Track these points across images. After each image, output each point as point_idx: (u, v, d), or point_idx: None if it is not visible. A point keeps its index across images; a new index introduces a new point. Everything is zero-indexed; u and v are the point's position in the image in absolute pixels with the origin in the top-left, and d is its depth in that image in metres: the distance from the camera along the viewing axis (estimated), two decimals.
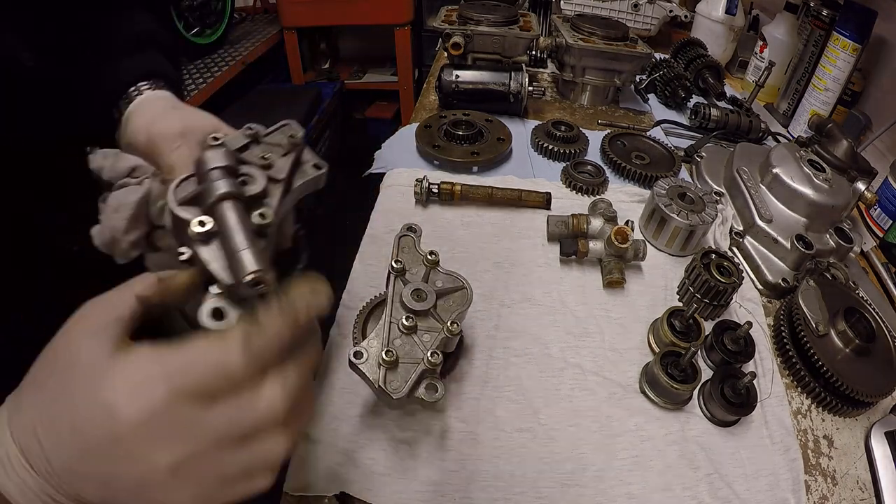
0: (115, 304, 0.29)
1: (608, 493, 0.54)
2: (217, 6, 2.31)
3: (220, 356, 0.27)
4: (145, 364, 0.26)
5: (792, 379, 0.68)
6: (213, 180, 0.36)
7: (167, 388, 0.26)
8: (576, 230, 0.79)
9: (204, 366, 0.27)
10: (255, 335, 0.28)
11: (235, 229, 0.34)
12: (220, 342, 0.27)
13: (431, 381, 0.50)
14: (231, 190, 0.36)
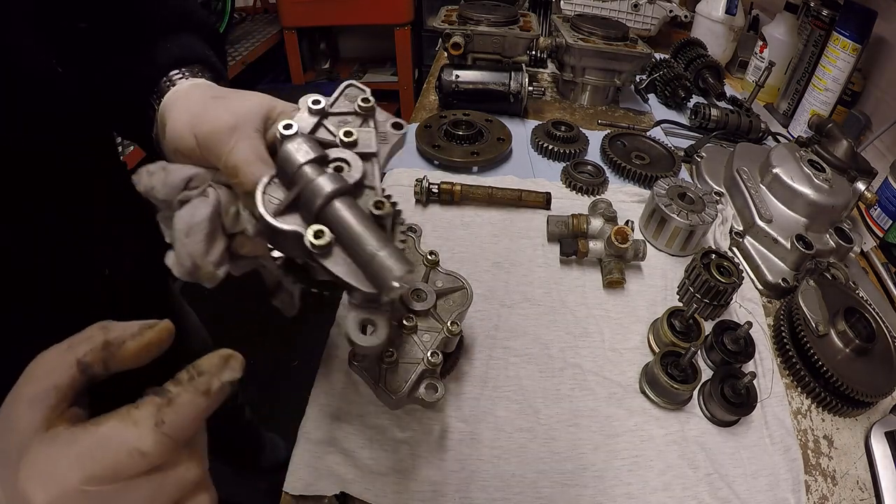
0: (55, 369, 0.27)
1: (608, 492, 0.54)
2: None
3: (131, 437, 0.25)
4: (59, 451, 0.25)
5: (792, 379, 0.68)
6: (310, 179, 0.33)
7: (78, 476, 0.25)
8: (576, 230, 0.79)
9: (115, 449, 0.25)
10: (166, 410, 0.26)
11: (361, 232, 0.31)
12: (130, 423, 0.26)
13: (431, 381, 0.50)
14: (337, 187, 0.32)
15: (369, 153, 0.38)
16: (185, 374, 0.28)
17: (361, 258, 0.31)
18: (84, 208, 0.49)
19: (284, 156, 0.34)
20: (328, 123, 0.39)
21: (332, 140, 0.38)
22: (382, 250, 0.30)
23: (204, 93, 0.42)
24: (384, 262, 0.30)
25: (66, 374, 0.27)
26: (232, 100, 0.40)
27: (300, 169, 0.33)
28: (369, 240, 0.31)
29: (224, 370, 0.28)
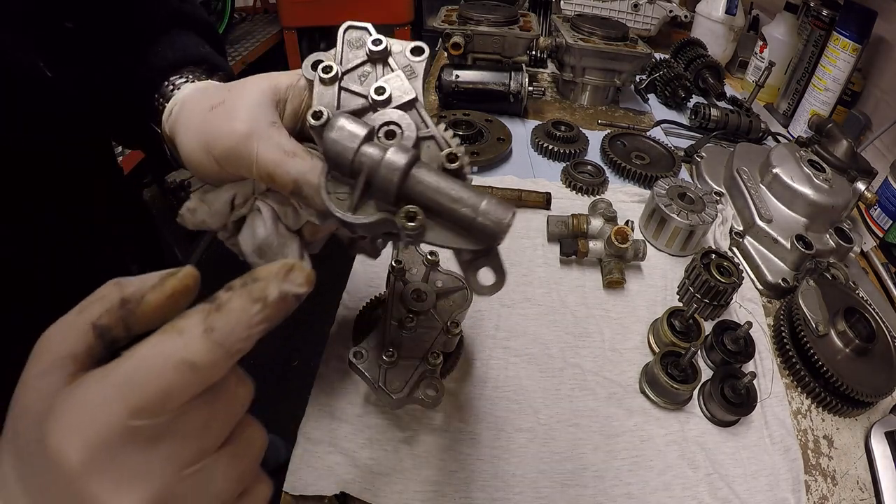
0: (67, 337, 0.23)
1: (608, 492, 0.54)
2: (217, 6, 2.31)
3: (177, 347, 0.22)
4: (91, 390, 0.21)
5: (792, 379, 0.68)
6: (374, 163, 0.30)
7: (120, 410, 0.21)
8: (576, 230, 0.79)
9: (161, 366, 0.21)
10: (215, 315, 0.23)
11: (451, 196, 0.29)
12: (174, 334, 0.22)
13: (431, 381, 0.50)
14: (407, 159, 0.29)
15: (409, 101, 0.34)
16: (239, 280, 0.24)
17: (461, 219, 0.29)
18: (84, 208, 0.49)
19: (331, 148, 0.31)
20: (348, 84, 0.35)
21: (362, 103, 0.34)
22: (480, 205, 0.29)
23: (201, 103, 0.39)
24: (487, 215, 0.29)
25: (82, 341, 0.23)
26: (231, 102, 0.37)
27: (357, 157, 0.30)
28: (462, 200, 0.29)
29: (284, 280, 0.24)
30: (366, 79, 0.35)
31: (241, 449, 0.25)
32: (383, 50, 0.35)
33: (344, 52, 0.36)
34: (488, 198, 0.29)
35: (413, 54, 0.36)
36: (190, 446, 0.23)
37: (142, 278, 0.25)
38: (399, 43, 0.36)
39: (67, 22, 0.41)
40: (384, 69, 0.35)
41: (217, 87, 0.41)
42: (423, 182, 0.30)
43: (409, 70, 0.35)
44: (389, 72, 0.35)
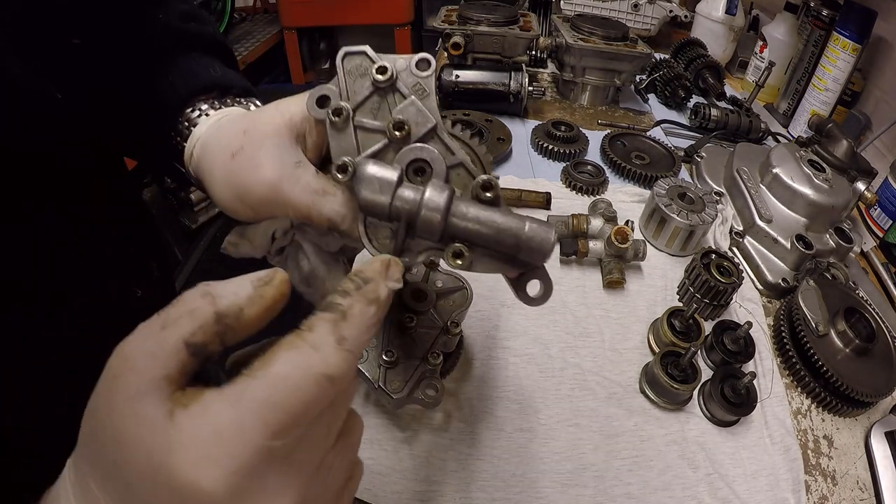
0: (157, 357, 0.21)
1: (608, 492, 0.54)
2: (217, 6, 2.31)
3: (315, 363, 0.21)
4: (223, 416, 0.20)
5: (792, 379, 0.68)
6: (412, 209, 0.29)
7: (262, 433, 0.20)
8: (576, 230, 0.78)
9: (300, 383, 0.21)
10: (343, 325, 0.23)
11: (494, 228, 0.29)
12: (308, 349, 0.22)
13: (431, 381, 0.50)
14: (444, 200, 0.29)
15: (430, 129, 0.32)
16: (351, 283, 0.25)
17: (507, 248, 0.29)
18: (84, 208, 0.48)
19: (366, 201, 0.30)
20: (362, 121, 0.33)
21: (383, 141, 0.32)
22: (523, 231, 0.29)
23: (222, 149, 0.39)
24: (532, 241, 0.29)
25: (175, 361, 0.21)
26: (252, 150, 0.36)
27: (393, 206, 0.30)
28: (505, 230, 0.29)
29: (388, 278, 0.26)
30: (378, 110, 0.33)
31: (350, 440, 0.26)
32: (390, 78, 0.32)
33: (347, 83, 0.34)
34: (528, 222, 0.29)
35: (420, 69, 0.33)
36: (318, 451, 0.23)
37: (230, 287, 0.23)
38: (402, 59, 0.34)
39: (74, 38, 0.41)
40: (395, 95, 0.33)
41: (232, 125, 0.40)
42: (464, 218, 0.29)
43: (419, 89, 0.33)
44: (401, 98, 0.33)
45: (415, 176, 0.32)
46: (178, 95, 0.45)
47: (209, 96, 0.46)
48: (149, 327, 0.22)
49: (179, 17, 0.51)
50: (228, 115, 0.43)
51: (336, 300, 0.24)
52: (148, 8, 0.50)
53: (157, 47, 0.48)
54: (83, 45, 0.42)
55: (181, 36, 0.49)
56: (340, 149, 0.33)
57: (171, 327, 0.22)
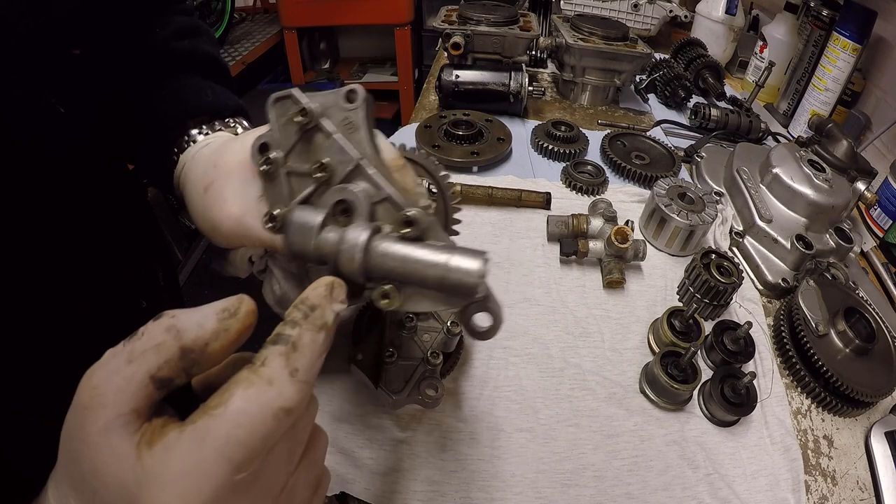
0: (124, 390, 0.22)
1: (608, 493, 0.54)
2: (217, 6, 2.31)
3: (272, 398, 0.22)
4: (189, 455, 0.21)
5: (792, 379, 0.68)
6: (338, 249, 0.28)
7: (226, 470, 0.21)
8: (576, 230, 0.79)
9: (259, 419, 0.22)
10: (294, 356, 0.23)
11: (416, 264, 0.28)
12: (262, 385, 0.22)
13: (431, 381, 0.50)
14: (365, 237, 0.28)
15: (352, 169, 0.31)
16: (297, 312, 0.25)
17: (434, 283, 0.28)
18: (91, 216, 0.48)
19: (292, 248, 0.30)
20: (295, 166, 0.33)
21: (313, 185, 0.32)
22: (448, 263, 0.27)
23: (197, 183, 0.41)
24: (458, 272, 0.27)
25: (142, 395, 0.22)
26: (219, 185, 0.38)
27: (316, 249, 0.29)
28: (428, 264, 0.28)
29: (332, 301, 0.25)
30: (308, 153, 0.33)
31: (313, 457, 0.27)
32: (310, 120, 0.32)
33: (279, 130, 0.33)
34: (455, 253, 0.28)
35: (348, 102, 0.32)
36: (281, 475, 0.24)
37: (195, 319, 0.24)
38: (332, 93, 0.33)
39: (74, 49, 0.41)
40: (322, 135, 0.32)
41: (207, 158, 0.42)
42: (384, 256, 0.28)
43: (347, 124, 0.32)
44: (327, 138, 0.32)
45: (342, 216, 0.31)
46: (170, 120, 0.47)
47: (199, 120, 0.47)
48: (116, 359, 0.23)
49: (177, 33, 0.53)
50: (209, 145, 0.45)
51: (286, 331, 0.24)
52: (146, 24, 0.51)
53: (151, 67, 0.50)
54: (83, 56, 0.42)
55: (175, 57, 0.51)
56: (274, 197, 0.34)
57: (138, 361, 0.22)
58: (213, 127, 0.48)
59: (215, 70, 0.54)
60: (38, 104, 0.38)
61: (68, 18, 0.40)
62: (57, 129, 0.40)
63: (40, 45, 0.38)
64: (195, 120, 0.47)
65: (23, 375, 0.35)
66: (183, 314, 0.24)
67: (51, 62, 0.39)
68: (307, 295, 0.25)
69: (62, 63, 0.40)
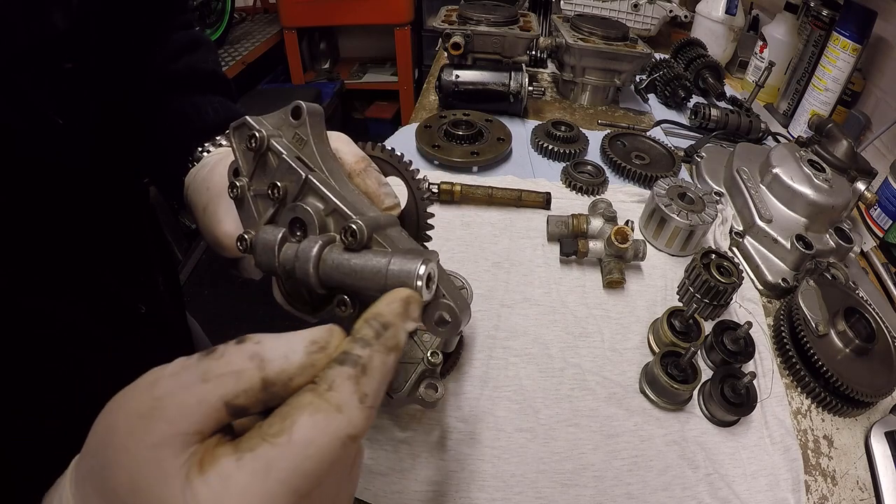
0: (195, 413, 0.20)
1: (608, 493, 0.54)
2: (217, 6, 2.31)
3: (340, 427, 0.21)
4: (244, 485, 0.20)
5: (792, 379, 0.68)
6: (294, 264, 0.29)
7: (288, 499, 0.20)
8: (576, 230, 0.79)
9: (325, 447, 0.21)
10: (364, 380, 0.22)
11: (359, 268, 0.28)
12: (332, 411, 0.21)
13: (431, 381, 0.50)
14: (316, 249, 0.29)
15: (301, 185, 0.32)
16: (369, 329, 0.23)
17: (379, 288, 0.27)
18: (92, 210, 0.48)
19: (261, 266, 0.32)
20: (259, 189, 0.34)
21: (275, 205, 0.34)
22: (386, 268, 0.27)
23: (197, 202, 0.44)
24: (396, 276, 0.27)
25: (212, 419, 0.21)
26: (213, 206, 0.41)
27: (280, 267, 0.30)
28: (368, 272, 0.28)
29: (407, 319, 0.24)
30: (265, 175, 0.34)
31: (356, 472, 0.26)
32: (260, 145, 0.33)
33: (240, 157, 0.35)
34: (395, 256, 0.28)
35: (294, 118, 0.33)
36: (332, 491, 0.23)
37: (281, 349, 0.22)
38: (279, 114, 0.34)
39: (66, 62, 0.41)
40: (273, 157, 0.33)
41: (201, 182, 0.45)
42: (332, 268, 0.29)
43: (297, 139, 0.33)
44: (278, 158, 0.33)
45: (298, 232, 0.32)
46: (177, 143, 0.49)
47: (201, 141, 0.49)
48: (188, 373, 0.21)
49: (178, 50, 0.54)
50: (206, 164, 0.47)
51: (355, 351, 0.22)
52: (146, 44, 0.52)
53: (154, 90, 0.52)
54: (78, 69, 0.42)
55: (175, 78, 0.53)
56: (246, 220, 0.35)
57: (214, 383, 0.21)
58: (215, 143, 0.50)
59: (213, 83, 0.56)
60: (33, 115, 0.38)
61: (61, 35, 0.40)
62: (55, 140, 0.40)
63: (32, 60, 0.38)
64: (199, 140, 0.49)
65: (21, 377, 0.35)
66: (268, 341, 0.22)
67: (43, 76, 0.39)
68: (380, 310, 0.24)
69: (55, 76, 0.40)
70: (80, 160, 0.43)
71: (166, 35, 0.55)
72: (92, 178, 0.45)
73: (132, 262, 0.50)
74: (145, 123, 0.52)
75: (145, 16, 0.52)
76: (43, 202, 0.39)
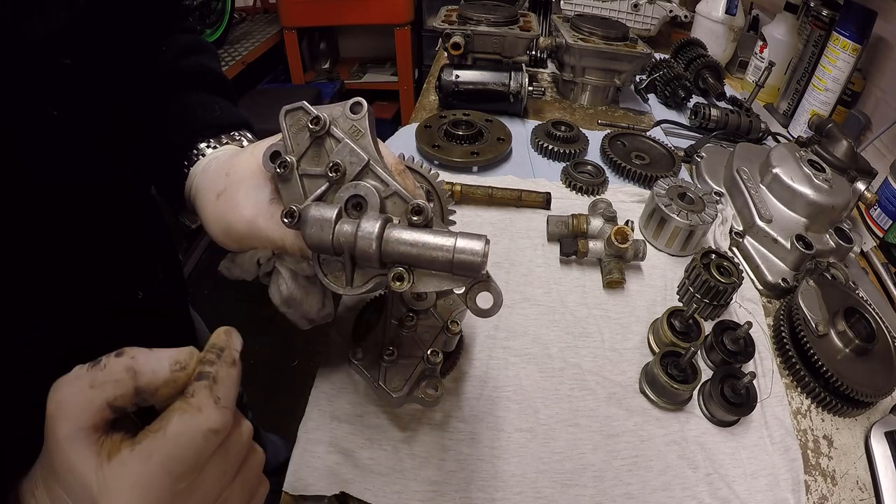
0: (86, 410, 0.27)
1: (607, 492, 0.54)
2: (217, 6, 2.31)
3: (201, 422, 0.27)
4: (138, 471, 0.26)
5: (792, 379, 0.68)
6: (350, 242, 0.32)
7: (168, 482, 0.26)
8: (576, 230, 0.79)
9: (192, 439, 0.27)
10: (216, 387, 0.29)
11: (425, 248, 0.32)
12: (193, 412, 0.27)
13: (431, 380, 0.50)
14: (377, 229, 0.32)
15: (363, 167, 0.36)
16: (212, 353, 0.30)
17: (442, 265, 0.32)
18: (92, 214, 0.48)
19: (311, 240, 0.34)
20: (306, 169, 0.37)
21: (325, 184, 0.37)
22: (454, 245, 0.31)
23: (209, 191, 0.45)
24: (463, 253, 0.31)
25: (100, 416, 0.27)
26: (232, 191, 0.42)
27: (334, 240, 0.33)
28: (436, 247, 0.31)
29: (234, 341, 0.31)
30: (319, 156, 0.37)
31: (248, 473, 0.31)
32: (322, 127, 0.36)
33: (291, 137, 0.38)
34: (459, 236, 0.31)
35: (354, 113, 0.37)
36: (216, 485, 0.29)
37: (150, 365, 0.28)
38: (339, 106, 0.37)
39: (65, 59, 0.42)
40: (331, 141, 0.37)
41: (218, 168, 0.46)
42: (397, 242, 0.32)
43: (354, 131, 0.37)
44: (337, 143, 0.36)
45: (354, 211, 0.35)
46: (180, 135, 0.50)
47: (207, 135, 0.50)
48: (80, 381, 0.27)
49: (182, 51, 0.55)
50: (217, 157, 0.48)
51: (206, 369, 0.29)
52: (150, 43, 0.53)
53: (158, 86, 0.52)
54: (76, 66, 0.42)
55: (181, 75, 0.54)
56: (289, 197, 0.38)
57: (98, 388, 0.27)
58: (220, 140, 0.51)
59: (220, 86, 0.57)
60: (30, 108, 0.38)
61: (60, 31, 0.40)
62: (52, 133, 0.40)
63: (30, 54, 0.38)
64: (203, 135, 0.50)
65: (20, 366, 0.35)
66: (141, 356, 0.28)
67: (41, 70, 0.40)
68: (213, 342, 0.31)
69: (53, 71, 0.41)
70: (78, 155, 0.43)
71: (169, 36, 0.55)
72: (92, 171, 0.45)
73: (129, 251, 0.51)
74: (146, 123, 0.52)
75: (145, 16, 0.52)
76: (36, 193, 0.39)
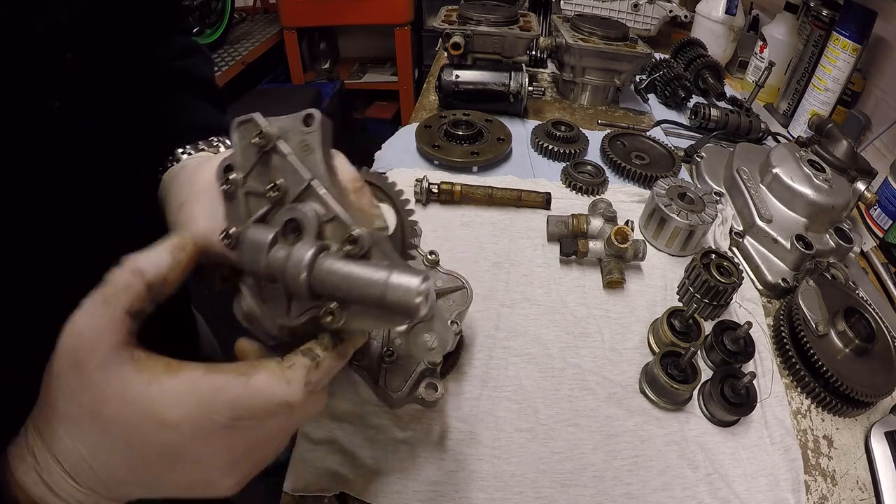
0: (108, 329, 0.27)
1: (607, 492, 0.54)
2: (217, 6, 2.31)
3: (283, 393, 0.28)
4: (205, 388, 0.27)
5: (792, 379, 0.68)
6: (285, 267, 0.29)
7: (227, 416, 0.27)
8: (576, 230, 0.79)
9: (267, 400, 0.28)
10: (314, 372, 0.30)
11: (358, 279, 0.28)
12: (280, 381, 0.28)
13: (431, 380, 0.50)
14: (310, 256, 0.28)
15: (303, 189, 0.32)
16: (331, 340, 0.31)
17: (374, 301, 0.28)
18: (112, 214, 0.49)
19: (245, 264, 0.32)
20: (253, 186, 0.34)
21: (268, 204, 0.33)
22: (387, 280, 0.27)
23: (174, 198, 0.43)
24: (396, 290, 0.27)
25: (123, 329, 0.27)
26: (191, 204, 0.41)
27: (266, 266, 0.30)
28: (367, 284, 0.28)
29: (358, 344, 0.32)
30: (266, 174, 0.33)
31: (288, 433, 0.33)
32: (267, 142, 0.33)
33: (240, 152, 0.34)
34: (397, 269, 0.27)
35: (305, 125, 0.33)
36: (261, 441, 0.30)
37: (153, 259, 0.29)
38: (291, 118, 0.34)
39: (68, 52, 0.41)
40: (278, 157, 0.33)
41: (184, 178, 0.45)
42: (328, 274, 0.29)
43: (304, 146, 0.33)
44: (283, 159, 0.33)
45: (292, 235, 0.31)
46: (164, 138, 0.49)
47: (186, 140, 0.49)
48: (93, 306, 0.27)
49: (178, 53, 0.55)
50: (188, 165, 0.47)
51: (316, 350, 0.30)
52: (148, 41, 0.52)
53: (154, 86, 0.52)
54: (78, 60, 0.42)
55: (173, 75, 0.54)
56: (232, 216, 0.35)
57: (113, 302, 0.27)
58: (196, 147, 0.49)
59: (208, 91, 0.56)
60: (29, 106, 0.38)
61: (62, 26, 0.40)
62: (51, 131, 0.40)
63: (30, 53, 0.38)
64: (182, 140, 0.49)
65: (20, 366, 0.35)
66: (139, 256, 0.29)
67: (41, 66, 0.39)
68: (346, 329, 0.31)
69: (54, 65, 0.40)
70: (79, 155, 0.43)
71: (167, 36, 0.55)
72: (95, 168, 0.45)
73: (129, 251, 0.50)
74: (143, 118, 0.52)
75: (145, 16, 0.52)
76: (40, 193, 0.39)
